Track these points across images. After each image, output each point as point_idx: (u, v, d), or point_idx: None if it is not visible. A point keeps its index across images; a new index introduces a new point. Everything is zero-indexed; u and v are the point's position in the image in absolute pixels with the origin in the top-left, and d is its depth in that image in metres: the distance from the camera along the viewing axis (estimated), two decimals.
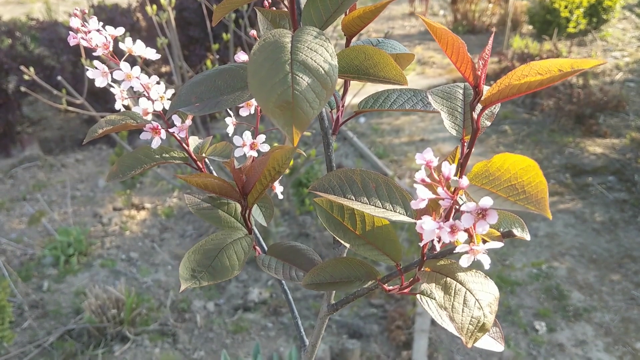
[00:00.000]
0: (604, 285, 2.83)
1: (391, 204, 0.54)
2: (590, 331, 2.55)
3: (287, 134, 0.44)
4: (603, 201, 3.49)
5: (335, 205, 0.59)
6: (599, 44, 6.07)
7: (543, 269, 2.95)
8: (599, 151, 4.06)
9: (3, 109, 4.10)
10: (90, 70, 0.65)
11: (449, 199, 0.44)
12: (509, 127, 4.56)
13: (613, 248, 3.09)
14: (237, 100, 0.53)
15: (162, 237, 3.35)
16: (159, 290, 2.89)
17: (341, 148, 4.34)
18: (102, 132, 0.64)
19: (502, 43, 6.02)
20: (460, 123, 0.54)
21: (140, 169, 0.67)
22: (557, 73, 0.44)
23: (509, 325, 2.60)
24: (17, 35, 4.46)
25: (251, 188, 0.63)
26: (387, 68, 0.51)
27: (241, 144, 0.67)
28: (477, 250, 0.44)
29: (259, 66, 0.45)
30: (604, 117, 4.51)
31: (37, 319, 2.69)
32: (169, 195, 3.76)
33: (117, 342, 2.54)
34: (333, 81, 0.45)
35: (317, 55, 0.46)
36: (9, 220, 3.56)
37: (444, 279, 0.51)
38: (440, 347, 2.48)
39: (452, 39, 0.47)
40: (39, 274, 3.03)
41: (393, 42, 0.63)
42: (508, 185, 0.44)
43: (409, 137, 4.56)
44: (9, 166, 4.21)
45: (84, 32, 0.64)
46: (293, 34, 0.49)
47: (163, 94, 0.65)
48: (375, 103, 0.62)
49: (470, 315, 0.48)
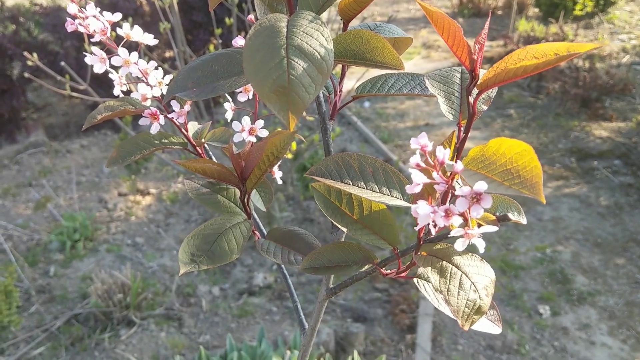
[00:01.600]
0: (609, 269, 2.83)
1: (388, 189, 0.54)
2: (594, 315, 2.56)
3: (283, 119, 0.44)
4: (608, 185, 3.48)
5: (333, 190, 0.59)
6: (605, 26, 6.01)
7: (547, 253, 2.95)
8: (605, 135, 4.04)
9: (8, 95, 4.11)
10: (89, 56, 0.65)
11: (444, 184, 0.44)
12: (514, 110, 4.54)
13: (618, 232, 3.09)
14: (234, 85, 0.53)
15: (167, 222, 3.36)
16: (164, 275, 2.91)
17: (345, 133, 4.33)
18: (101, 118, 0.64)
19: (508, 26, 5.97)
20: (457, 107, 0.54)
21: (140, 154, 0.67)
22: (553, 57, 0.44)
23: (513, 309, 2.61)
24: (21, 20, 4.46)
25: (250, 173, 0.63)
26: (384, 53, 0.51)
27: (240, 130, 0.67)
28: (471, 234, 0.44)
29: (255, 51, 0.45)
30: (610, 101, 4.48)
31: (44, 304, 2.72)
32: (173, 181, 3.77)
33: (123, 326, 2.57)
34: (329, 66, 0.45)
35: (313, 40, 0.46)
36: (15, 206, 3.58)
37: (440, 263, 0.51)
38: (444, 331, 2.49)
39: (448, 22, 0.47)
40: (45, 259, 3.05)
41: (391, 26, 0.63)
42: (503, 169, 0.44)
43: (413, 122, 4.55)
44: (14, 152, 4.23)
45: (82, 17, 0.64)
46: (289, 19, 0.49)
47: (161, 79, 0.65)
48: (373, 87, 0.62)
49: (465, 298, 0.49)
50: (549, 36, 5.26)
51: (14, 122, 4.30)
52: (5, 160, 4.15)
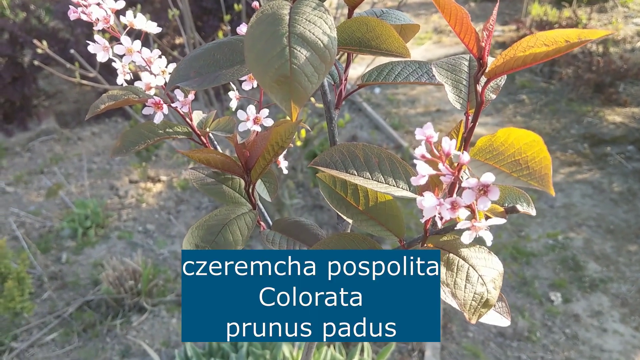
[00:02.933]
0: (621, 256, 2.81)
1: (394, 179, 0.53)
2: (606, 302, 2.54)
3: (285, 109, 0.43)
4: (621, 171, 3.45)
5: (338, 180, 0.58)
6: (620, 10, 5.92)
7: (559, 240, 2.93)
8: (618, 120, 3.99)
9: (19, 83, 4.12)
10: (91, 45, 0.64)
11: (450, 175, 0.43)
12: (526, 96, 4.50)
13: (631, 218, 3.06)
14: (237, 74, 0.52)
15: (178, 209, 3.37)
16: (175, 261, 2.92)
17: (356, 119, 4.31)
18: (104, 108, 0.63)
19: (521, 10, 5.90)
20: (465, 96, 0.53)
21: (144, 144, 0.66)
22: (564, 44, 0.42)
23: (524, 296, 2.60)
24: (31, 8, 4.45)
25: (254, 163, 0.62)
26: (390, 40, 0.50)
27: (245, 119, 0.66)
28: (478, 226, 0.43)
29: (256, 40, 0.44)
30: (624, 86, 4.42)
31: (56, 290, 2.74)
32: (184, 168, 3.77)
33: (134, 312, 2.58)
34: (332, 54, 0.44)
35: (316, 28, 0.45)
36: (27, 193, 3.60)
37: (447, 255, 0.50)
38: (454, 318, 2.48)
39: (455, 8, 0.45)
40: (57, 246, 3.07)
41: (397, 13, 0.62)
42: (512, 160, 0.42)
43: (424, 108, 4.51)
44: (26, 139, 4.25)
45: (84, 5, 0.64)
46: (292, 6, 0.47)
47: (165, 68, 0.64)
48: (379, 76, 0.61)
49: (473, 291, 0.48)
50: (562, 20, 5.19)
51: (25, 109, 4.32)
52: (17, 148, 4.17)
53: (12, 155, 4.08)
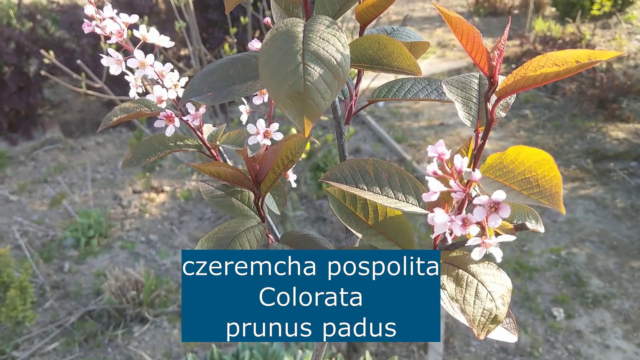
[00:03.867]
0: (624, 272, 2.80)
1: (404, 195, 0.54)
2: (609, 318, 2.53)
3: (299, 125, 0.44)
4: (625, 187, 3.45)
5: (348, 194, 0.59)
6: (623, 26, 5.95)
7: (562, 255, 2.93)
8: (622, 136, 4.00)
9: (24, 92, 4.14)
10: (105, 58, 0.65)
11: (461, 192, 0.43)
12: (529, 111, 4.51)
13: (634, 235, 3.05)
14: (250, 89, 0.53)
15: (181, 219, 3.37)
16: (177, 272, 2.92)
17: (359, 132, 4.32)
18: (116, 120, 0.64)
19: (524, 26, 5.93)
20: (475, 114, 0.53)
21: (155, 156, 0.67)
22: (574, 64, 0.43)
23: (527, 312, 2.59)
24: (38, 18, 4.49)
25: (264, 176, 0.63)
26: (401, 58, 0.51)
27: (255, 132, 0.67)
28: (489, 243, 0.43)
29: (271, 56, 0.45)
30: (627, 102, 4.43)
31: (58, 300, 2.74)
32: (187, 179, 3.78)
33: (136, 323, 2.58)
34: (345, 72, 0.45)
35: (330, 46, 0.46)
36: (31, 202, 3.61)
37: (456, 271, 0.50)
38: (456, 332, 2.48)
39: (467, 28, 0.46)
40: (60, 255, 3.07)
41: (408, 30, 0.63)
42: (522, 178, 0.43)
43: (428, 121, 4.52)
44: (30, 148, 4.26)
45: (99, 19, 0.64)
46: (305, 23, 0.48)
47: (177, 81, 0.65)
48: (389, 92, 0.62)
49: (482, 307, 0.48)
50: (566, 36, 5.22)
51: (30, 118, 4.34)
52: (22, 157, 4.18)
53: (17, 164, 4.10)
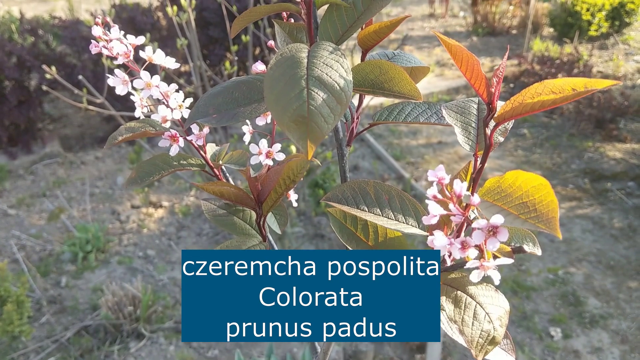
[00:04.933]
0: (621, 292, 2.80)
1: (404, 216, 0.55)
2: (606, 338, 2.53)
3: (302, 147, 0.45)
4: (622, 207, 3.46)
5: (349, 215, 0.60)
6: (620, 47, 6.00)
7: (560, 275, 2.93)
8: (619, 156, 4.02)
9: (25, 106, 4.16)
10: (111, 78, 0.66)
11: (460, 215, 0.44)
12: (527, 130, 4.53)
13: (631, 255, 3.06)
14: (254, 112, 0.54)
15: (179, 235, 3.37)
16: (174, 288, 2.92)
17: (358, 149, 4.34)
18: (121, 139, 0.65)
19: (523, 45, 5.98)
20: (474, 138, 0.55)
21: (159, 175, 0.68)
22: (571, 92, 0.44)
23: (524, 331, 2.59)
24: (40, 33, 4.52)
25: (266, 196, 0.64)
26: (402, 83, 0.52)
27: (257, 152, 0.68)
28: (487, 266, 0.44)
29: (276, 81, 0.46)
30: (624, 122, 4.46)
31: (55, 315, 2.73)
32: (186, 194, 3.79)
33: (132, 339, 2.57)
34: (348, 97, 0.46)
35: (333, 71, 0.47)
36: (29, 216, 3.61)
37: (455, 292, 0.51)
38: (453, 351, 2.47)
39: (466, 56, 0.47)
40: (57, 269, 3.07)
41: (408, 55, 0.64)
42: (519, 202, 0.44)
43: (426, 139, 4.55)
44: (29, 162, 4.27)
45: (106, 40, 0.66)
46: (309, 49, 0.49)
47: (182, 102, 0.66)
48: (390, 115, 0.63)
49: (480, 328, 0.49)
50: (564, 56, 5.26)
51: (30, 132, 4.35)
52: (21, 171, 4.19)
53: (16, 178, 4.10)
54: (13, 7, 7.41)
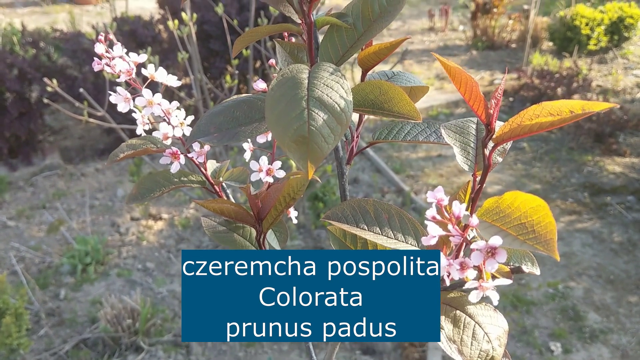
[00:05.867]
0: (621, 307, 2.80)
1: (403, 235, 0.55)
2: (606, 353, 2.52)
3: (302, 167, 0.45)
4: (622, 221, 3.46)
5: (348, 234, 0.60)
6: (620, 61, 6.03)
7: (559, 289, 2.93)
8: (618, 170, 4.03)
9: (25, 118, 4.17)
10: (113, 96, 0.67)
11: (459, 236, 0.45)
12: (527, 144, 4.54)
13: (631, 269, 3.06)
14: (255, 131, 0.55)
15: (179, 247, 3.37)
16: (174, 300, 2.91)
17: (358, 163, 4.35)
18: (123, 156, 0.65)
19: (522, 60, 6.00)
20: (473, 158, 0.55)
21: (159, 192, 0.68)
22: (569, 115, 0.45)
23: (524, 346, 2.58)
24: (41, 45, 4.53)
25: (266, 214, 0.64)
26: (401, 103, 0.52)
27: (257, 169, 0.69)
28: (486, 286, 0.45)
29: (277, 101, 0.47)
30: (624, 136, 4.47)
31: (54, 327, 2.72)
32: (185, 207, 3.79)
33: (131, 352, 2.56)
34: (348, 117, 0.47)
35: (333, 92, 0.47)
36: (29, 228, 3.61)
37: (454, 312, 0.51)
38: None
39: (465, 78, 0.48)
40: (56, 282, 3.06)
41: (408, 75, 0.65)
42: (518, 223, 0.44)
43: (426, 153, 4.55)
44: (29, 174, 4.27)
45: (109, 58, 0.66)
46: (310, 70, 0.50)
47: (183, 120, 0.67)
48: (390, 134, 0.64)
49: (479, 348, 0.49)
50: (563, 70, 5.28)
51: (30, 144, 4.35)
52: (21, 182, 4.19)
53: (15, 190, 4.10)
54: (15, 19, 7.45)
